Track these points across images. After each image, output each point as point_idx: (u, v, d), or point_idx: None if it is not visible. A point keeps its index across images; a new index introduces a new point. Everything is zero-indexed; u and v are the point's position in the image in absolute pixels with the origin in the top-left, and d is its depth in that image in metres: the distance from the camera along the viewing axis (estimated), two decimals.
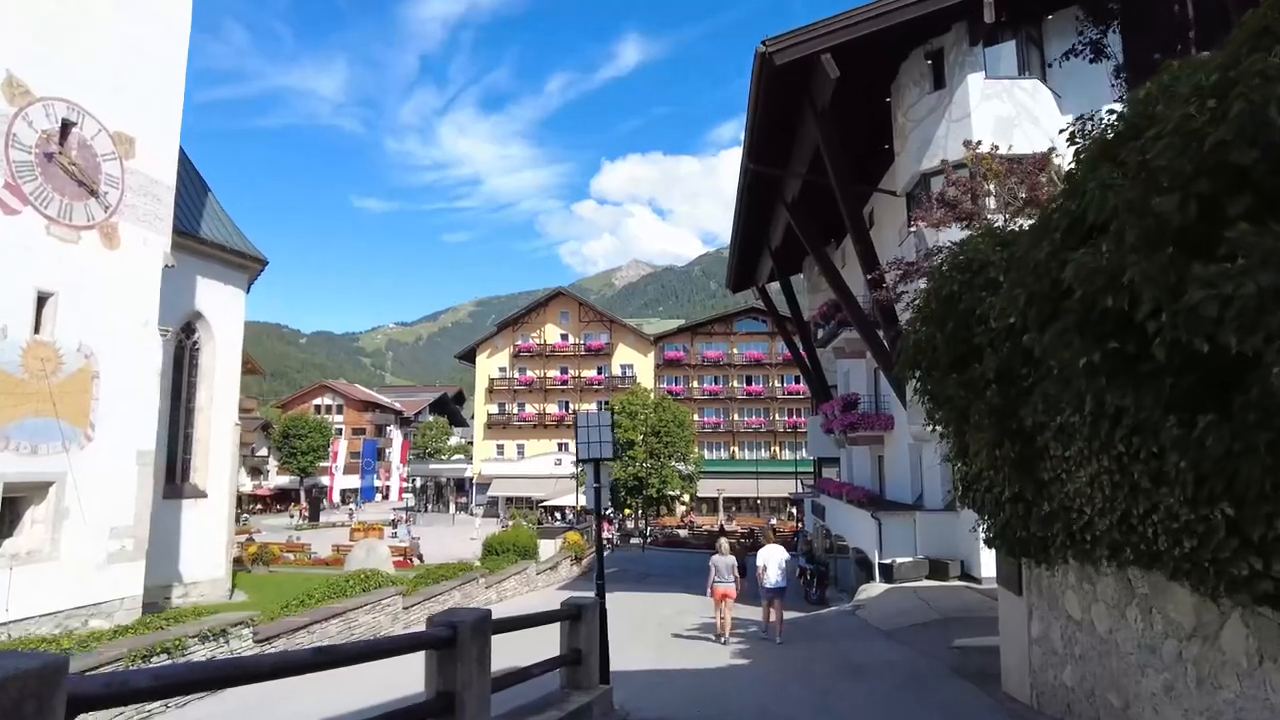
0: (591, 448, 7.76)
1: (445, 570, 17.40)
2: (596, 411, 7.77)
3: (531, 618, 5.91)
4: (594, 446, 7.72)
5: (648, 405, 47.40)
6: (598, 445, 7.70)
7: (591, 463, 7.89)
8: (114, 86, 14.01)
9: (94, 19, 13.66)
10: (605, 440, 7.71)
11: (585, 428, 7.77)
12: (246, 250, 22.45)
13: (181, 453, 20.97)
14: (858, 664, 9.79)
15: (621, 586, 23.21)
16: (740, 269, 29.32)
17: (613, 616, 17.04)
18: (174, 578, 19.95)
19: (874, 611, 13.63)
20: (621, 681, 9.54)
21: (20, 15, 12.57)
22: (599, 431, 7.68)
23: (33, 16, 12.73)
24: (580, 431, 7.83)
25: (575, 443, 7.89)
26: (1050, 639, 6.01)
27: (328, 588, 13.14)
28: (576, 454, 7.94)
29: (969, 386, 5.92)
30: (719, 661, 10.77)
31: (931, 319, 6.33)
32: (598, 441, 7.69)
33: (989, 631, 10.79)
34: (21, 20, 12.59)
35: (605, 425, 7.75)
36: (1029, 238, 4.24)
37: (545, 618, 6.22)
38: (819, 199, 20.56)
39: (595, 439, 7.71)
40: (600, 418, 7.82)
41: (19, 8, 12.56)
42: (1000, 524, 6.16)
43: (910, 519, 16.55)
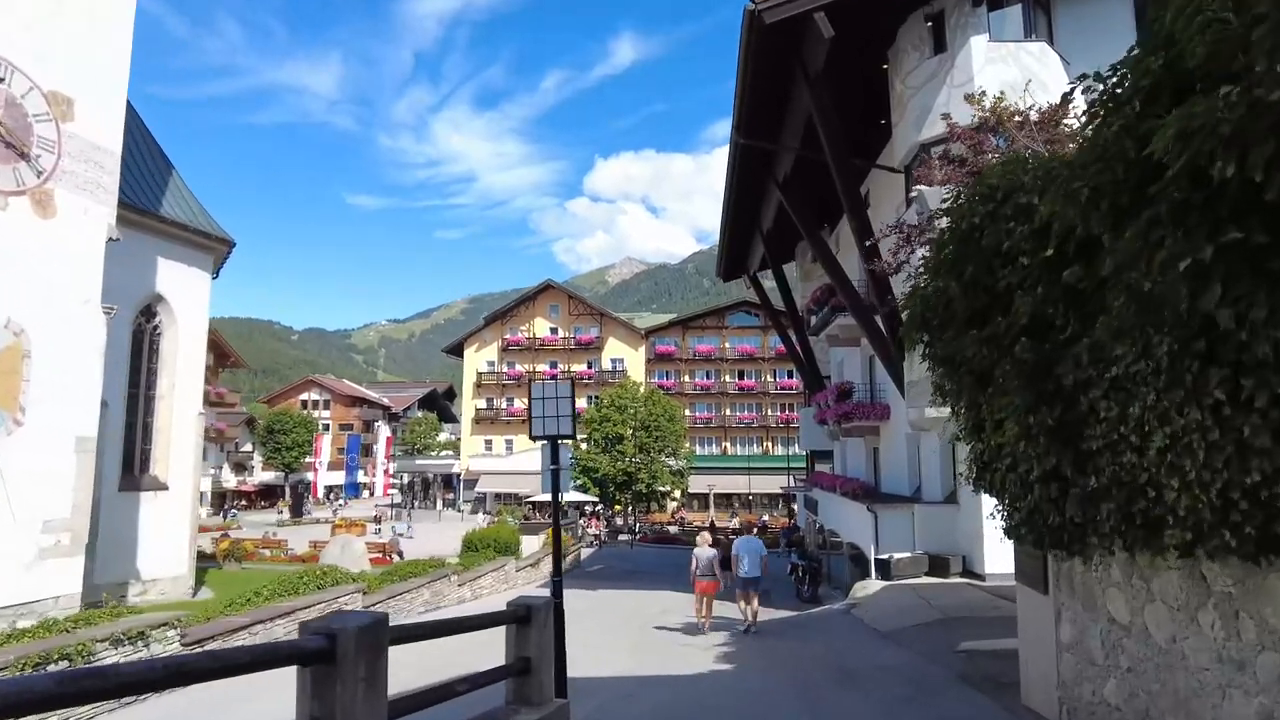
0: (548, 423, 6.72)
1: (414, 567, 16.38)
2: (555, 381, 6.77)
3: (459, 622, 4.90)
4: (551, 422, 6.70)
5: (637, 399, 46.38)
6: (555, 420, 6.68)
7: (548, 440, 6.87)
8: (48, 42, 12.91)
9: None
10: (564, 414, 6.67)
11: (541, 399, 6.72)
12: (211, 230, 21.34)
13: (141, 443, 19.88)
14: (853, 669, 8.80)
15: (606, 584, 22.25)
16: (731, 255, 28.28)
17: (593, 616, 16.11)
18: (131, 575, 18.88)
19: (870, 610, 12.66)
20: (590, 690, 8.54)
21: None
22: (557, 404, 6.65)
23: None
24: (535, 404, 6.79)
25: (529, 416, 6.87)
26: (1086, 646, 5.02)
27: (278, 585, 12.10)
28: (530, 429, 6.94)
29: (992, 343, 4.93)
30: (700, 666, 9.78)
31: (946, 268, 5.34)
32: (555, 416, 6.66)
33: (997, 633, 9.82)
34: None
35: (564, 397, 6.71)
36: (1089, 120, 3.23)
37: (483, 621, 5.20)
38: (812, 175, 19.58)
39: (553, 413, 6.68)
40: (559, 388, 6.77)
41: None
42: (1026, 509, 5.17)
43: (908, 512, 15.59)
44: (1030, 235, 4.28)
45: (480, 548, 21.84)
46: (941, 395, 6.99)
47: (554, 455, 6.92)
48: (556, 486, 6.87)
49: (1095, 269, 3.90)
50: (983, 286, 5.02)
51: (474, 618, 5.18)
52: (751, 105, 17.08)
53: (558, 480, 6.88)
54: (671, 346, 60.55)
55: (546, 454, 6.74)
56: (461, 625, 4.89)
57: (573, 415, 6.72)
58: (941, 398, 6.99)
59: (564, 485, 6.99)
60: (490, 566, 19.27)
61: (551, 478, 6.90)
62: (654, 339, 61.57)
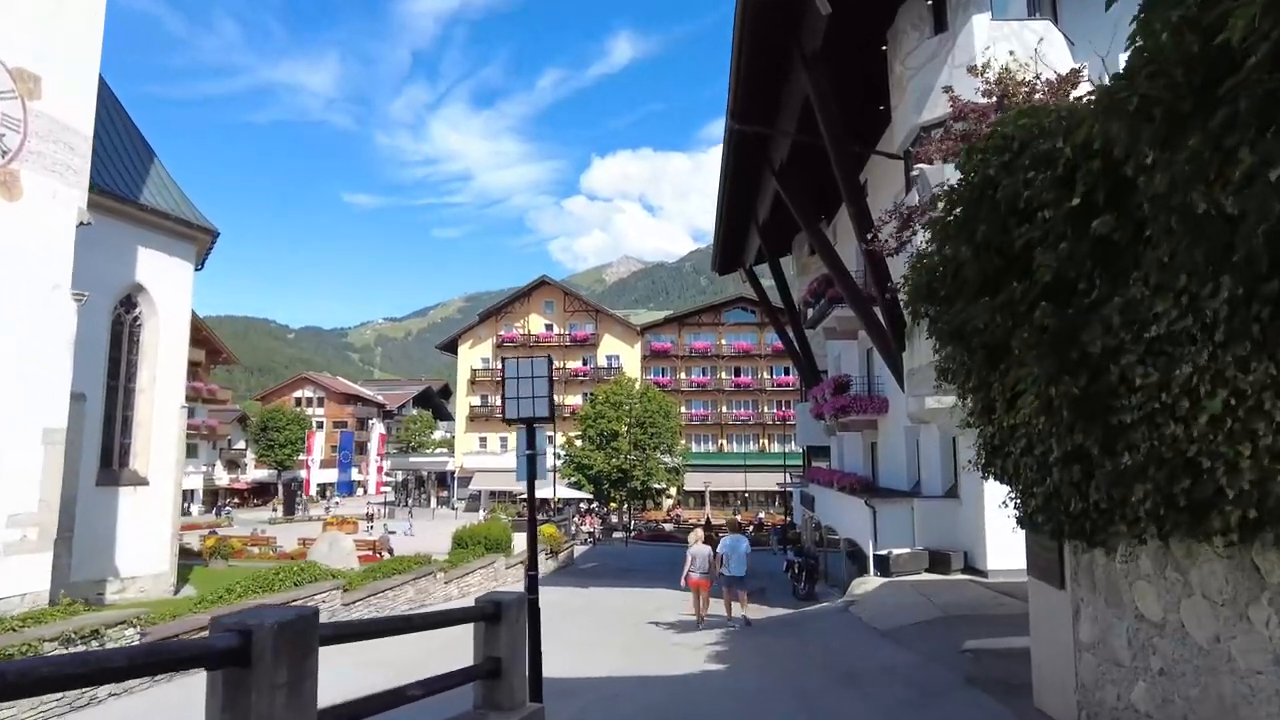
0: (522, 404, 6.21)
1: (399, 564, 15.89)
2: (531, 359, 6.26)
3: (412, 619, 4.42)
4: (525, 403, 6.19)
5: (632, 395, 45.91)
6: (530, 401, 6.18)
7: (523, 424, 6.37)
8: (14, 17, 12.40)
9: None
10: (540, 395, 6.16)
11: (515, 379, 6.21)
12: (193, 219, 20.82)
13: (120, 436, 19.36)
14: (852, 670, 8.34)
15: (599, 582, 21.80)
16: (727, 248, 27.76)
17: (585, 614, 15.64)
18: (109, 572, 18.36)
19: (869, 608, 12.20)
20: (575, 691, 8.07)
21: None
22: (532, 384, 6.14)
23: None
24: (509, 384, 6.28)
25: (502, 398, 6.36)
26: (1110, 646, 4.56)
27: (252, 582, 11.61)
28: (503, 411, 6.42)
29: (1007, 310, 4.46)
30: (692, 666, 9.31)
31: (955, 230, 4.87)
32: (530, 397, 6.16)
33: (1003, 631, 9.36)
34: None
35: (540, 377, 6.20)
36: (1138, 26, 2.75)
37: (442, 618, 4.73)
38: (809, 162, 19.11)
39: (527, 393, 6.18)
40: (534, 366, 6.25)
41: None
42: (1043, 496, 4.70)
43: (908, 506, 15.13)
44: (1053, 184, 3.81)
45: (470, 545, 21.36)
46: (947, 377, 6.55)
47: (529, 439, 6.40)
48: (532, 473, 6.34)
49: (1129, 216, 3.43)
50: (996, 248, 4.55)
51: (431, 615, 4.71)
52: (747, 88, 16.60)
53: (533, 467, 6.35)
54: (667, 343, 60.07)
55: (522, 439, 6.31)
56: (415, 623, 4.40)
57: (550, 396, 6.21)
58: (947, 380, 6.55)
59: (540, 472, 6.48)
60: (479, 564, 18.78)
61: (526, 464, 6.37)
62: (650, 336, 61.09)
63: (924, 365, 9.54)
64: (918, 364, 9.89)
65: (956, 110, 9.02)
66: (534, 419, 6.25)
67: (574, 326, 61.25)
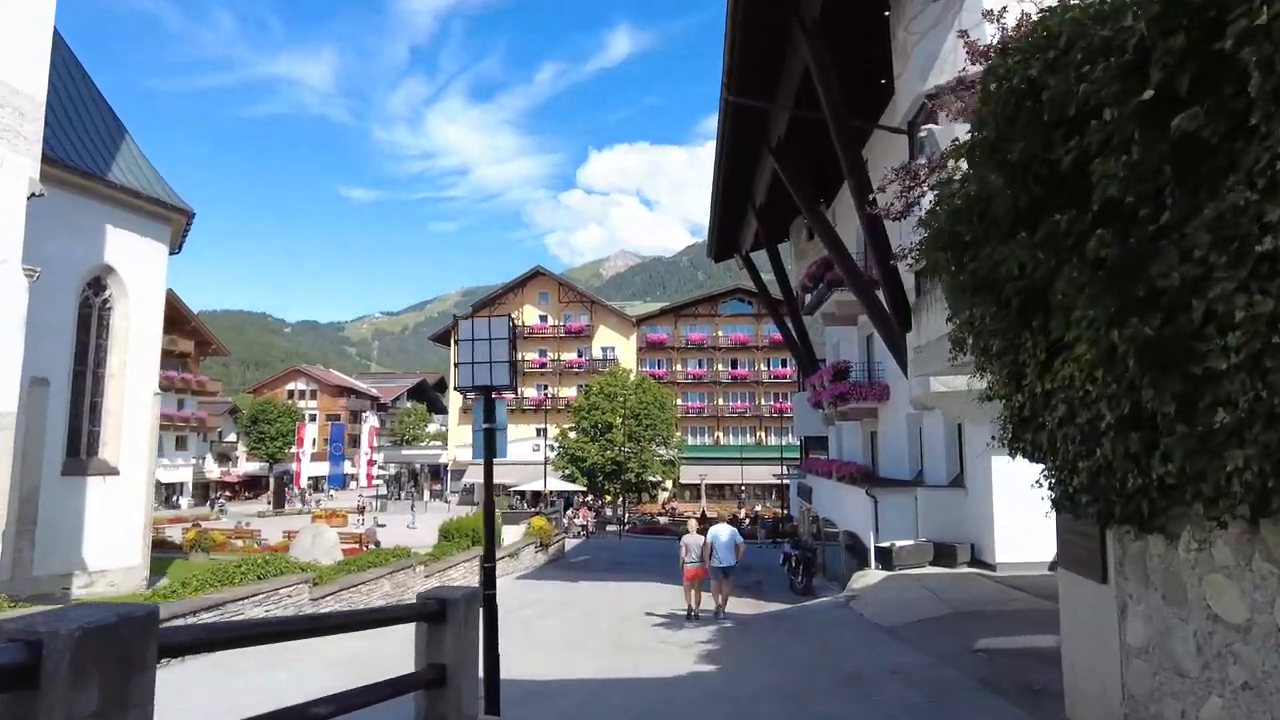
0: (478, 371, 5.40)
1: (376, 557, 15.12)
2: (488, 320, 5.44)
3: (318, 621, 3.66)
4: (482, 369, 5.39)
5: (627, 386, 45.15)
6: (486, 368, 5.37)
7: (478, 392, 5.56)
8: None
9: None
10: (500, 360, 5.36)
11: (470, 342, 5.38)
12: (166, 199, 19.98)
13: (89, 424, 18.56)
14: (855, 672, 7.59)
15: (589, 576, 21.07)
16: (723, 234, 26.94)
17: (570, 609, 14.87)
18: (76, 565, 17.59)
19: (871, 603, 11.46)
20: (549, 696, 7.32)
21: None
22: (490, 348, 5.34)
23: None
24: (463, 348, 5.44)
25: (454, 365, 5.53)
26: (1171, 652, 3.80)
27: (210, 575, 10.84)
28: (456, 380, 5.60)
29: (1049, 247, 3.70)
30: (680, 667, 8.55)
31: (984, 155, 4.08)
32: (487, 362, 5.36)
33: (1017, 629, 8.63)
34: None
35: (499, 339, 5.38)
36: None
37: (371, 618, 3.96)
38: (808, 138, 18.33)
39: (484, 357, 5.38)
40: (492, 327, 5.42)
41: None
42: (1088, 472, 3.93)
43: (910, 496, 14.39)
44: (1118, 74, 3.03)
45: (456, 537, 20.59)
46: (962, 347, 5.82)
47: (487, 412, 5.57)
48: (490, 450, 5.52)
49: (1223, 106, 2.66)
50: (1036, 173, 3.77)
51: (356, 614, 3.94)
52: (743, 59, 15.79)
53: (492, 443, 5.54)
54: (663, 335, 59.30)
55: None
56: (330, 623, 3.63)
57: (511, 361, 5.40)
58: (962, 352, 5.82)
59: (500, 450, 5.69)
60: (462, 556, 18.02)
61: (484, 440, 5.57)
62: (645, 327, 60.31)
63: (933, 341, 8.79)
64: (925, 340, 9.14)
65: (972, 53, 8.20)
66: (492, 387, 5.45)
67: (569, 318, 60.47)
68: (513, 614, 13.91)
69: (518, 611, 14.39)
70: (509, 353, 5.30)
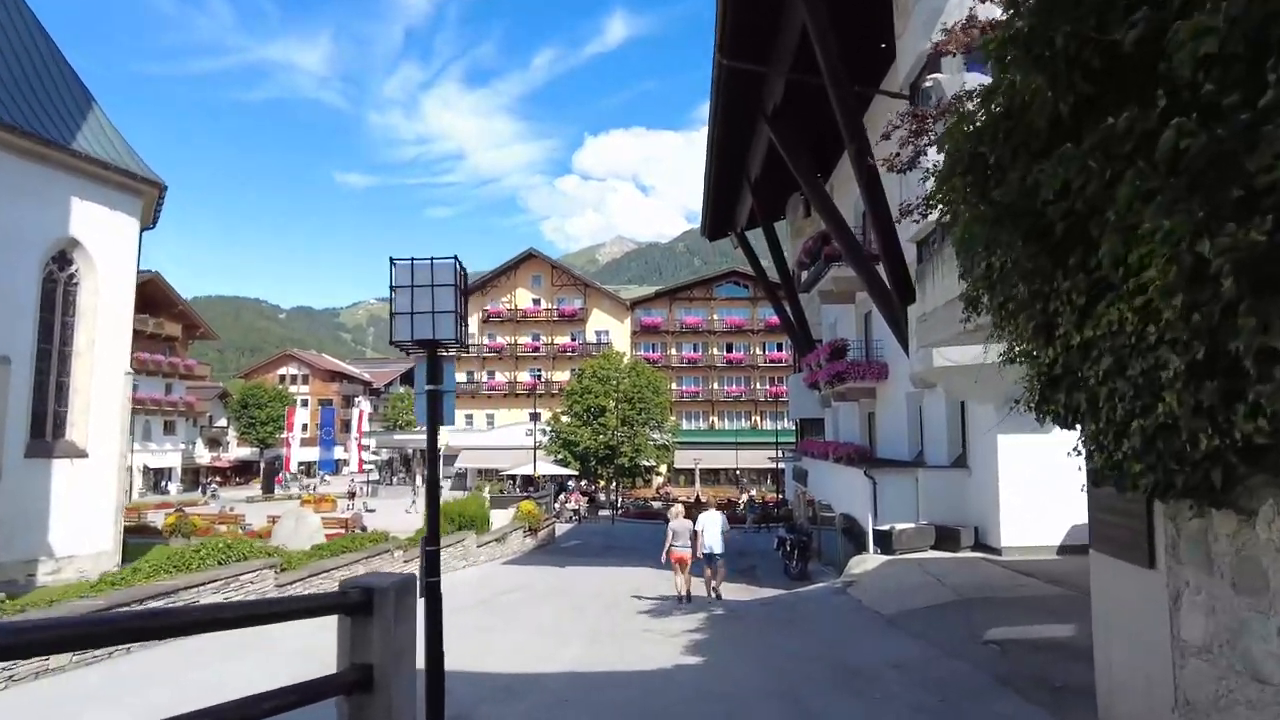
0: (418, 323, 4.60)
1: (351, 542, 14.46)
2: (430, 261, 4.64)
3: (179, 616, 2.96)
4: (423, 321, 4.60)
5: (620, 369, 44.43)
6: (428, 319, 4.58)
7: (420, 347, 4.79)
8: None
9: None
10: (444, 310, 4.58)
11: (409, 288, 4.54)
12: (136, 170, 19.12)
13: (55, 404, 17.80)
14: (856, 666, 6.94)
15: (578, 561, 20.47)
16: (717, 210, 26.14)
17: (555, 596, 14.21)
18: (42, 551, 16.88)
19: (870, 590, 10.82)
20: (521, 691, 6.66)
21: None
22: (433, 295, 4.55)
23: None
24: (399, 295, 4.59)
25: (391, 314, 4.75)
26: (1246, 652, 3.12)
27: (166, 561, 10.16)
28: (392, 332, 4.83)
29: (1101, 154, 2.97)
30: (665, 659, 7.90)
31: (1019, 49, 3.36)
32: (430, 312, 4.58)
33: (1028, 617, 7.99)
34: None
35: (445, 285, 4.59)
36: None
37: (272, 610, 3.27)
38: (805, 106, 17.57)
39: (425, 307, 4.60)
40: (436, 271, 4.61)
41: None
42: (1144, 433, 3.23)
43: (911, 477, 13.75)
44: None
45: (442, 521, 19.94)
46: (975, 306, 5.15)
47: (431, 371, 4.79)
48: (435, 415, 4.74)
49: None
50: (1085, 66, 3.06)
51: (234, 607, 3.26)
52: (736, 18, 15.03)
53: (436, 407, 4.77)
54: (658, 318, 58.53)
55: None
56: (196, 619, 2.93)
57: (458, 311, 4.62)
58: (976, 312, 5.16)
59: (448, 414, 4.94)
60: (445, 541, 17.32)
61: (427, 404, 4.81)
62: (640, 311, 59.52)
63: (940, 308, 8.11)
64: (931, 307, 8.44)
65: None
66: (436, 342, 4.70)
67: (562, 301, 59.67)
68: (495, 600, 13.30)
69: (503, 596, 13.77)
70: (455, 301, 4.55)
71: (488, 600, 13.18)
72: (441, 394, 4.78)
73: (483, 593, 14.21)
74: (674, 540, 12.95)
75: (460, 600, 13.31)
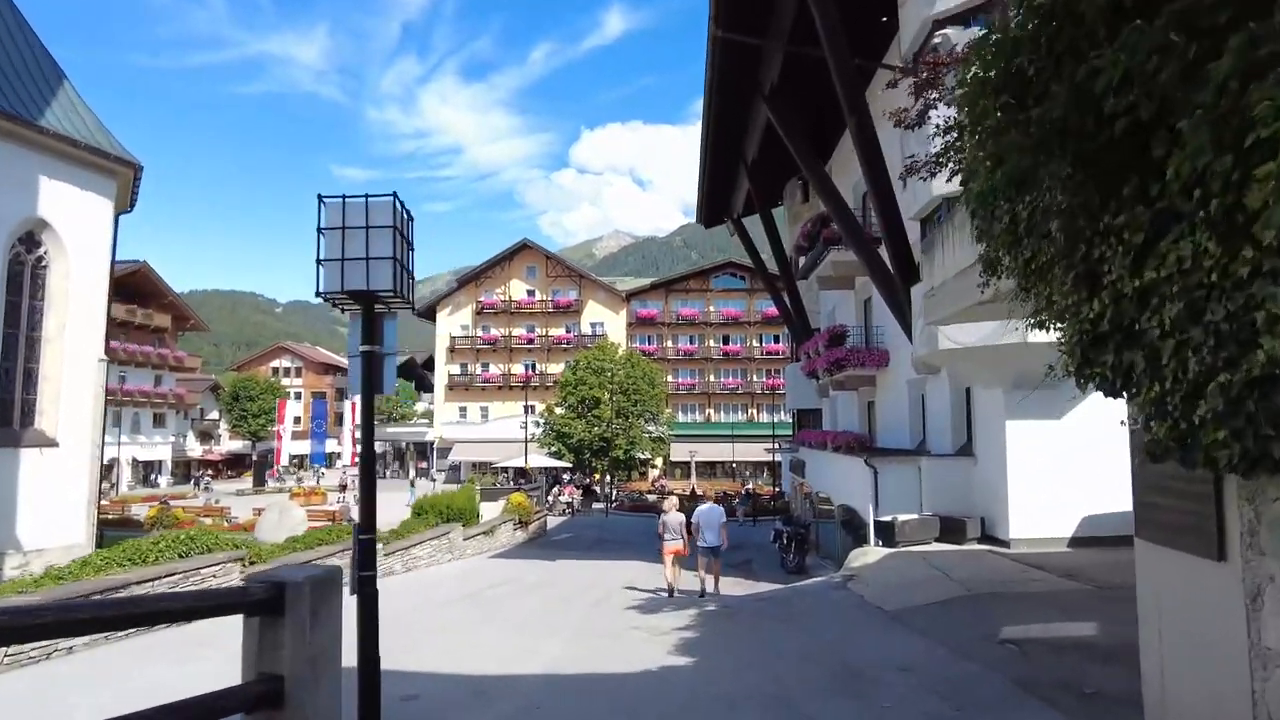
0: (350, 271, 3.66)
1: (325, 535, 13.80)
2: (365, 199, 3.92)
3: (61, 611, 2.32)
4: (356, 269, 3.80)
5: (615, 360, 43.78)
6: (362, 266, 3.84)
7: (354, 299, 4.10)
8: None
9: None
10: (381, 255, 3.85)
11: (339, 230, 3.77)
12: (109, 149, 18.39)
13: (23, 392, 17.12)
14: (859, 668, 6.32)
15: (568, 554, 19.86)
16: (712, 195, 25.46)
17: (541, 590, 13.54)
18: (8, 544, 16.20)
19: (872, 584, 10.21)
20: (491, 694, 6.04)
21: None
22: (367, 238, 3.82)
23: None
24: (327, 238, 3.75)
25: (317, 260, 4.03)
26: None
27: (122, 554, 9.52)
28: (319, 283, 4.12)
29: (1193, 21, 2.33)
30: (651, 660, 7.27)
31: None
32: (363, 258, 3.85)
33: (1044, 613, 7.38)
34: None
35: (384, 227, 3.81)
36: None
37: (156, 609, 2.65)
38: (803, 84, 16.94)
39: (358, 252, 3.86)
40: (372, 211, 3.79)
41: None
42: (1226, 393, 2.60)
43: (914, 466, 13.13)
44: None
45: (428, 513, 19.32)
46: (994, 269, 4.58)
47: (366, 328, 4.00)
48: (370, 381, 4.03)
49: None
50: None
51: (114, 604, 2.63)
52: None
53: (371, 371, 4.09)
54: (654, 310, 57.80)
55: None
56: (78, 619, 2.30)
57: (399, 259, 3.92)
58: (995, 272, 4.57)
59: (387, 382, 4.24)
60: (429, 534, 16.72)
61: (361, 366, 4.14)
62: (636, 302, 58.79)
63: (950, 280, 7.48)
64: (940, 280, 7.79)
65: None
66: (372, 295, 4.01)
67: (557, 292, 58.91)
68: (479, 595, 12.67)
69: (487, 591, 13.15)
70: (395, 246, 3.86)
71: (473, 594, 12.56)
72: (380, 357, 4.10)
73: (467, 586, 13.60)
74: (665, 532, 12.60)
75: (442, 595, 12.70)
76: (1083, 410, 11.30)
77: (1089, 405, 11.29)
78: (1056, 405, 11.30)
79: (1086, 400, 11.28)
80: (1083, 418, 11.25)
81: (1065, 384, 11.54)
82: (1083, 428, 11.18)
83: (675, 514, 12.83)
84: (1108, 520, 10.68)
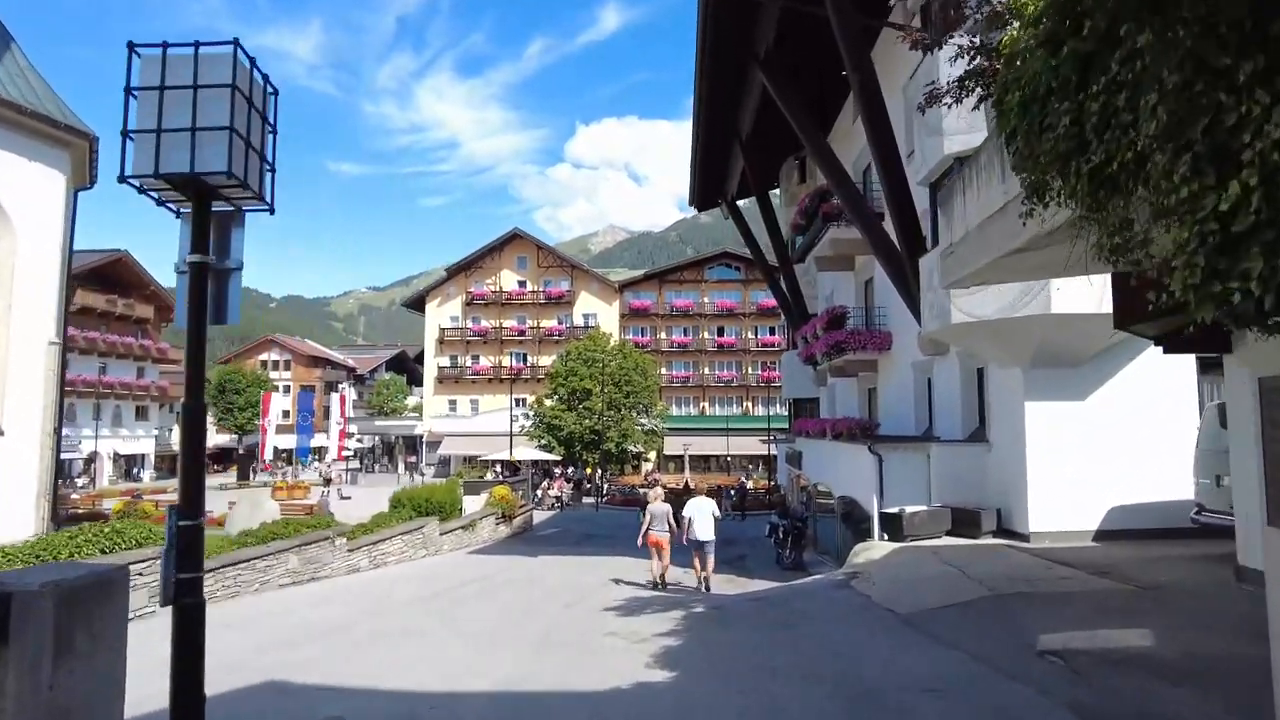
0: (173, 146, 2.52)
1: (282, 528, 12.69)
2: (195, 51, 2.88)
3: None
4: (179, 142, 2.58)
5: (607, 351, 42.67)
6: (187, 140, 2.63)
7: (178, 191, 2.92)
8: None
9: None
10: (216, 124, 2.65)
11: (156, 90, 2.60)
12: (59, 117, 17.20)
13: None
14: (873, 688, 5.24)
15: (552, 550, 18.78)
16: (705, 175, 24.32)
17: (513, 589, 12.30)
18: None
19: (880, 583, 9.13)
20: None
21: None
22: (196, 101, 2.63)
23: None
24: (142, 101, 2.58)
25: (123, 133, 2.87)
26: None
27: (35, 549, 8.43)
28: (125, 164, 2.96)
29: None
30: (622, 677, 6.17)
31: None
32: (189, 129, 2.63)
33: (1084, 619, 6.31)
34: None
35: (215, 87, 2.62)
36: None
37: None
38: (800, 47, 15.88)
39: (182, 121, 2.67)
40: (202, 68, 2.66)
41: None
42: None
43: (922, 454, 12.08)
44: None
45: (404, 506, 18.23)
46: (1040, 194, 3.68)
47: (198, 231, 2.83)
48: (200, 306, 2.93)
49: None
50: None
51: None
52: None
53: (202, 291, 2.92)
54: (647, 301, 56.68)
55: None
56: None
57: (233, 129, 2.67)
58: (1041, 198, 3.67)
59: (231, 309, 3.11)
60: (400, 529, 15.61)
61: (190, 286, 2.97)
62: (629, 294, 57.67)
63: (973, 229, 6.42)
64: (961, 232, 6.73)
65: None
66: (200, 181, 2.86)
67: (549, 283, 57.78)
68: (445, 594, 11.57)
69: (455, 590, 12.04)
70: (239, 116, 2.75)
71: (437, 594, 11.46)
72: (223, 272, 2.99)
73: (435, 585, 12.48)
74: (651, 524, 12.09)
75: (405, 594, 11.60)
76: (1110, 389, 10.27)
77: (1117, 383, 10.26)
78: (1080, 385, 10.27)
79: (1115, 378, 10.25)
80: (1109, 398, 10.22)
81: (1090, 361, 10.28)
82: (1110, 409, 10.15)
83: (660, 505, 12.25)
84: (1139, 512, 9.65)
